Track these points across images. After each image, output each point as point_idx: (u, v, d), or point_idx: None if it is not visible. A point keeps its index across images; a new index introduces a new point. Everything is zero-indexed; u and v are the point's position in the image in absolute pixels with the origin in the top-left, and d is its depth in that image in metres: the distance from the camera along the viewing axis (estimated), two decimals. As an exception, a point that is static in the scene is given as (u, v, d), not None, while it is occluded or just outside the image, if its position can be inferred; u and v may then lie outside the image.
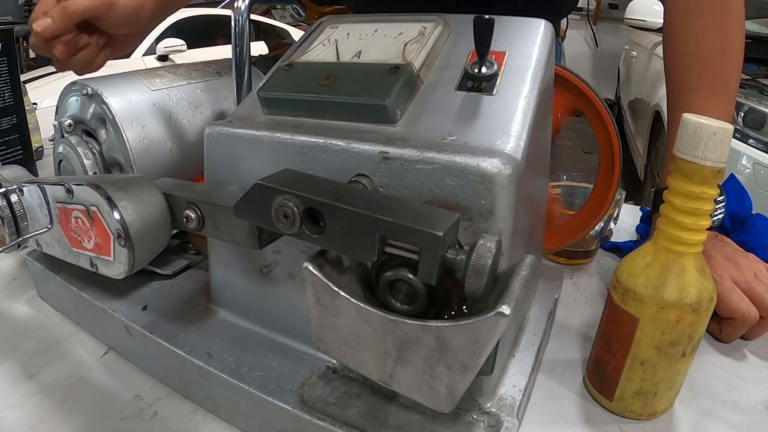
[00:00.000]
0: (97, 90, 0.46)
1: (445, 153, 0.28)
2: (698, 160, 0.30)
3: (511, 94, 0.32)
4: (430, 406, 0.25)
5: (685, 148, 0.30)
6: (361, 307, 0.25)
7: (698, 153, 0.30)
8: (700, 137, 0.29)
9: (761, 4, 2.68)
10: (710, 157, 0.29)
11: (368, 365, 0.26)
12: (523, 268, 0.24)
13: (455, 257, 0.23)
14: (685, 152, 0.30)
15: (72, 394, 0.38)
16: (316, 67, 0.36)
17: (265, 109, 0.36)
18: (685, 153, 0.30)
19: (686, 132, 0.30)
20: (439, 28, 0.36)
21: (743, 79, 2.27)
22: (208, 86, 0.54)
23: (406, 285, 0.26)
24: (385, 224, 0.23)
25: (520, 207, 0.30)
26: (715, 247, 0.48)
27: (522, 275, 0.23)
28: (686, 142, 0.30)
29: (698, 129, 0.29)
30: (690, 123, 0.30)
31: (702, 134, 0.29)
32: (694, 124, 0.29)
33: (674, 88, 0.55)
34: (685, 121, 0.30)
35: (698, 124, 0.29)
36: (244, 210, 0.27)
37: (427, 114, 0.32)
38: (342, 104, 0.33)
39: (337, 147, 0.31)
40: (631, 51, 3.77)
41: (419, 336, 0.24)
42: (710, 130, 0.29)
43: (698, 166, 0.30)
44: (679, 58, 0.53)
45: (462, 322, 0.22)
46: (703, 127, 0.29)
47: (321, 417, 0.32)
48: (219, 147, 0.35)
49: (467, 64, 0.34)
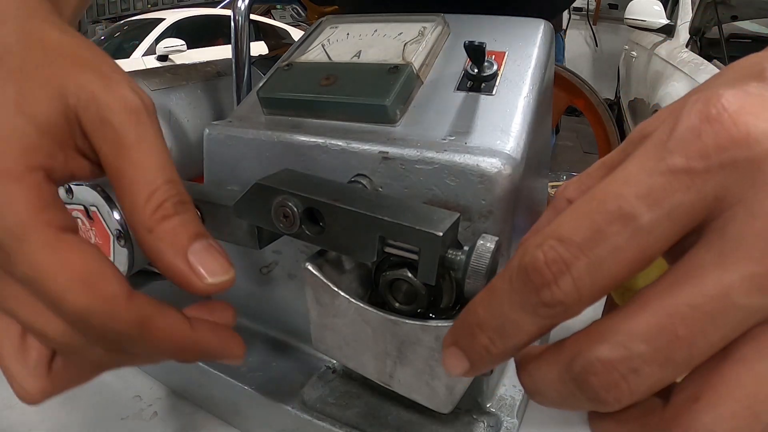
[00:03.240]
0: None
1: (445, 153, 0.28)
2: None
3: (510, 94, 0.32)
4: (430, 406, 0.25)
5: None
6: (361, 307, 0.25)
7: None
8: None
9: (761, 4, 2.68)
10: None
11: (368, 365, 0.26)
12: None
13: (455, 257, 0.23)
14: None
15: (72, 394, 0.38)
16: (316, 67, 0.36)
17: (265, 109, 0.36)
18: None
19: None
20: (439, 28, 0.36)
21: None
22: (208, 86, 0.54)
23: (406, 285, 0.26)
24: (385, 224, 0.23)
25: (520, 207, 0.30)
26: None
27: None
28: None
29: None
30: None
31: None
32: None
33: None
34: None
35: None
36: (244, 210, 0.27)
37: (427, 114, 0.32)
38: (342, 104, 0.33)
39: (336, 147, 0.31)
40: (631, 51, 3.77)
41: (419, 336, 0.24)
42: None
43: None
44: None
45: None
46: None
47: (321, 417, 0.32)
48: (219, 147, 0.35)
49: (467, 64, 0.34)
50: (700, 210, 0.15)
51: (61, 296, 0.18)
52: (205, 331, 0.23)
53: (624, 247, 0.15)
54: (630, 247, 0.15)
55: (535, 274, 0.16)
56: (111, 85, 0.21)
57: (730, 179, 0.14)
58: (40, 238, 0.18)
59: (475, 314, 0.18)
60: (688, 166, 0.14)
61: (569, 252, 0.15)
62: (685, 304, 0.14)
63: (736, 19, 2.83)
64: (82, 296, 0.18)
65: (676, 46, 2.87)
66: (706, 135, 0.14)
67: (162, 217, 0.21)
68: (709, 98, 0.15)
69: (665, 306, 0.15)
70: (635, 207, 0.15)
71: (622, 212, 0.15)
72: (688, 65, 2.53)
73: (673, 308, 0.14)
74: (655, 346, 0.14)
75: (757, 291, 0.14)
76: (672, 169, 0.14)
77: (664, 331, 0.14)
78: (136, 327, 0.20)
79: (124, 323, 0.19)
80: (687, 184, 0.14)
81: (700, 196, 0.14)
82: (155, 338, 0.20)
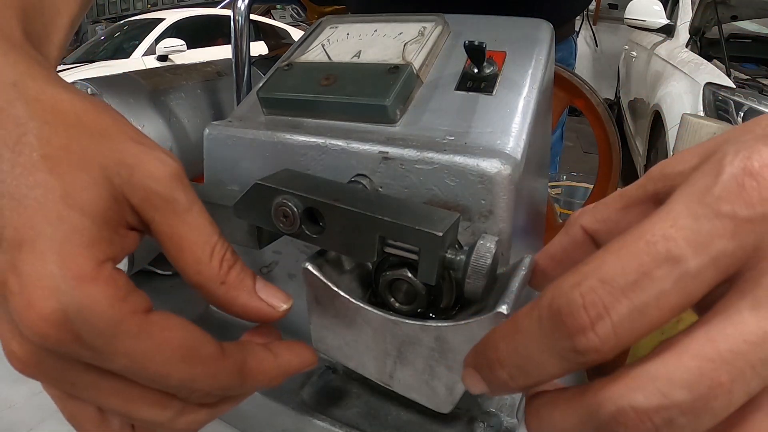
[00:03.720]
0: (96, 90, 0.46)
1: (445, 153, 0.28)
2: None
3: (510, 94, 0.32)
4: (429, 406, 0.25)
5: (684, 148, 0.30)
6: (361, 307, 0.25)
7: (698, 153, 0.30)
8: (699, 137, 0.29)
9: (761, 4, 2.68)
10: (710, 157, 0.29)
11: (368, 365, 0.26)
12: (523, 268, 0.24)
13: (455, 257, 0.23)
14: (685, 152, 0.30)
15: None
16: (316, 67, 0.36)
17: (265, 109, 0.36)
18: (685, 153, 0.30)
19: (686, 132, 0.30)
20: (439, 28, 0.36)
21: (743, 79, 2.27)
22: (208, 86, 0.54)
23: (406, 285, 0.26)
24: (385, 224, 0.23)
25: (520, 207, 0.30)
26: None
27: (521, 275, 0.23)
28: (686, 143, 0.30)
29: (698, 129, 0.29)
30: (690, 123, 0.30)
31: (702, 134, 0.29)
32: (694, 124, 0.29)
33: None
34: (685, 122, 0.30)
35: (698, 124, 0.29)
36: (244, 210, 0.27)
37: (427, 114, 0.32)
38: (342, 104, 0.33)
39: (336, 147, 0.31)
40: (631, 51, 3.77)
41: (419, 336, 0.24)
42: (710, 130, 0.29)
43: (698, 166, 0.30)
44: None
45: (461, 322, 0.22)
46: (703, 127, 0.29)
47: (321, 417, 0.32)
48: (219, 147, 0.35)
49: (467, 64, 0.34)
50: (741, 258, 0.14)
51: (165, 374, 0.19)
52: (285, 354, 0.24)
53: (669, 292, 0.14)
54: (675, 291, 0.14)
55: (570, 318, 0.15)
56: (146, 154, 0.21)
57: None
58: (132, 329, 0.19)
59: (496, 349, 0.17)
60: (734, 213, 0.14)
61: (611, 295, 0.14)
62: (726, 349, 0.14)
63: (736, 19, 2.83)
64: (185, 368, 0.20)
65: (676, 46, 2.87)
66: (750, 187, 0.14)
67: (229, 268, 0.22)
68: (750, 152, 0.15)
69: (707, 351, 0.14)
70: (684, 250, 0.14)
71: (671, 255, 0.14)
72: (688, 65, 2.53)
73: (714, 353, 0.14)
74: (696, 395, 0.14)
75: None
76: (719, 214, 0.14)
77: (704, 378, 0.14)
78: (237, 376, 0.22)
79: (226, 377, 0.21)
80: (732, 231, 0.14)
81: (742, 244, 0.14)
82: (253, 378, 0.22)
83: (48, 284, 0.18)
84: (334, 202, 0.24)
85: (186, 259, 0.22)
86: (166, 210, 0.21)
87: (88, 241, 0.19)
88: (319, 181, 0.28)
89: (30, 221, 0.18)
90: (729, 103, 2.13)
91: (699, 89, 2.26)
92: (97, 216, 0.19)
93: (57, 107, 0.20)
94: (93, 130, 0.21)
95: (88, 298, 0.18)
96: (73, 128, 0.20)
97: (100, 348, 0.18)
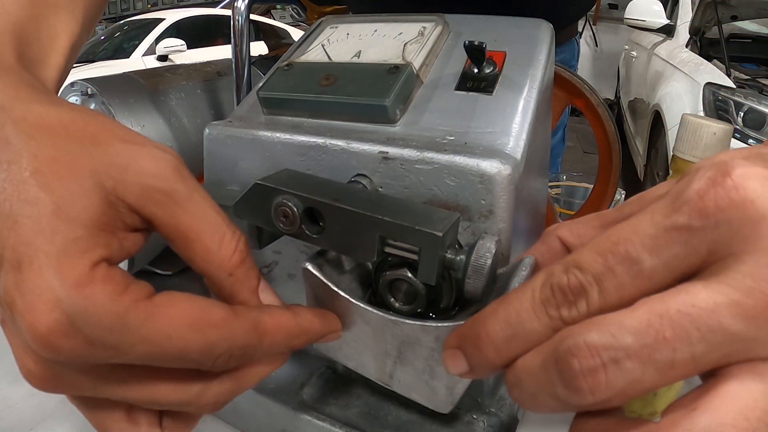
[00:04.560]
0: (97, 90, 0.46)
1: (445, 153, 0.28)
2: (698, 160, 0.30)
3: (510, 94, 0.32)
4: (429, 406, 0.25)
5: (684, 148, 0.30)
6: (361, 307, 0.25)
7: (698, 153, 0.30)
8: (699, 137, 0.29)
9: (761, 4, 2.68)
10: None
11: (368, 365, 0.26)
12: (523, 269, 0.24)
13: (455, 257, 0.23)
14: (685, 152, 0.30)
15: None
16: (316, 67, 0.36)
17: (265, 109, 0.36)
18: (685, 153, 0.30)
19: (686, 132, 0.30)
20: (439, 28, 0.36)
21: (743, 79, 2.27)
22: (208, 86, 0.54)
23: (406, 285, 0.26)
24: (385, 224, 0.23)
25: (520, 207, 0.30)
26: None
27: (521, 275, 0.23)
28: (686, 142, 0.30)
29: (698, 129, 0.29)
30: (690, 123, 0.30)
31: (702, 134, 0.29)
32: (694, 124, 0.29)
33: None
34: (684, 122, 0.30)
35: (698, 124, 0.29)
36: (244, 210, 0.27)
37: (427, 114, 0.32)
38: (342, 104, 0.33)
39: (336, 147, 0.31)
40: (631, 51, 3.77)
41: (419, 336, 0.24)
42: (710, 130, 0.29)
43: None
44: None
45: (462, 323, 0.22)
46: (703, 127, 0.29)
47: (321, 417, 0.32)
48: (219, 147, 0.35)
49: (467, 64, 0.34)
50: (695, 261, 0.17)
51: (184, 349, 0.20)
52: (306, 314, 0.24)
53: (626, 285, 0.17)
54: (631, 285, 0.17)
55: (559, 293, 0.18)
56: (138, 152, 0.21)
57: (725, 236, 0.16)
58: (140, 316, 0.19)
59: (485, 324, 0.20)
60: (688, 224, 0.17)
61: (587, 280, 0.18)
62: (675, 309, 0.16)
63: (736, 19, 2.83)
64: (201, 337, 0.20)
65: (676, 46, 2.87)
66: (708, 197, 0.16)
67: (239, 260, 0.22)
68: (719, 166, 0.17)
69: (657, 308, 0.16)
70: (641, 253, 0.17)
71: (629, 256, 0.17)
72: (688, 65, 2.53)
73: (663, 310, 0.16)
74: (641, 342, 0.16)
75: (742, 319, 0.15)
76: (675, 226, 0.17)
77: (651, 328, 0.16)
78: (253, 333, 0.21)
79: (243, 335, 0.21)
80: (685, 239, 0.17)
81: (695, 250, 0.17)
82: (272, 335, 0.22)
83: (50, 297, 0.18)
84: (334, 202, 0.24)
85: (195, 248, 0.22)
86: (167, 203, 0.21)
87: (82, 249, 0.19)
88: (319, 181, 0.28)
89: (26, 239, 0.18)
90: (729, 103, 2.14)
91: (699, 89, 2.26)
92: (90, 223, 0.19)
93: (42, 122, 0.20)
94: (81, 138, 0.21)
95: (89, 301, 0.18)
96: (60, 139, 0.20)
97: (115, 344, 0.19)
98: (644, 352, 0.16)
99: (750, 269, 0.16)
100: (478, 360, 0.20)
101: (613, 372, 0.16)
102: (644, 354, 0.16)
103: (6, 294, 0.18)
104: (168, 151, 0.22)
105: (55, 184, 0.19)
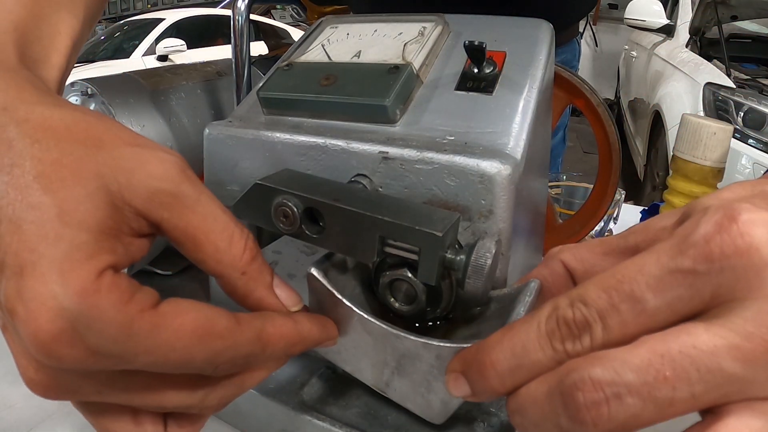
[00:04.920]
0: (97, 90, 0.46)
1: (445, 153, 0.28)
2: (698, 160, 0.30)
3: (510, 94, 0.32)
4: (423, 416, 0.25)
5: (685, 149, 0.30)
6: (364, 317, 0.25)
7: (698, 153, 0.30)
8: (699, 137, 0.29)
9: (761, 4, 2.68)
10: (710, 157, 0.29)
11: (365, 371, 0.26)
12: (528, 294, 0.24)
13: (455, 257, 0.23)
14: (685, 152, 0.30)
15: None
16: (316, 67, 0.36)
17: (265, 109, 0.36)
18: (685, 153, 0.30)
19: (686, 132, 0.30)
20: (439, 28, 0.36)
21: (743, 79, 2.27)
22: (208, 86, 0.54)
23: (406, 285, 0.26)
24: (385, 224, 0.23)
25: (520, 207, 0.30)
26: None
27: (527, 301, 0.23)
28: (686, 143, 0.30)
29: (698, 129, 0.29)
30: (690, 123, 0.30)
31: (702, 134, 0.29)
32: (694, 124, 0.29)
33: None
34: (685, 122, 0.30)
35: (698, 124, 0.29)
36: (244, 210, 0.27)
37: (427, 114, 0.32)
38: (342, 104, 0.33)
39: (336, 147, 0.31)
40: (631, 51, 3.77)
41: (420, 352, 0.24)
42: (710, 130, 0.29)
43: (698, 166, 0.30)
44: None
45: (464, 345, 0.22)
46: (703, 127, 0.29)
47: (321, 417, 0.32)
48: (219, 147, 0.35)
49: (467, 64, 0.34)
50: (698, 303, 0.17)
51: (189, 358, 0.20)
52: (305, 322, 0.24)
53: (629, 323, 0.18)
54: (634, 323, 0.18)
55: (564, 326, 0.18)
56: (144, 155, 0.21)
57: (729, 281, 0.17)
58: (145, 327, 0.19)
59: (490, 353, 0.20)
60: (693, 268, 0.17)
61: (591, 316, 0.18)
62: (676, 349, 0.16)
63: (736, 19, 2.83)
64: (205, 347, 0.20)
65: (676, 46, 2.87)
66: (714, 243, 0.17)
67: (251, 258, 0.23)
68: (726, 210, 0.17)
69: (659, 347, 0.16)
70: (645, 293, 0.17)
71: (634, 295, 0.18)
72: (688, 65, 2.53)
73: (665, 350, 0.16)
74: (642, 379, 0.16)
75: (741, 362, 0.16)
76: (680, 269, 0.17)
77: (652, 367, 0.16)
78: (257, 342, 0.22)
79: (246, 344, 0.21)
80: (689, 282, 0.17)
81: (698, 293, 0.17)
82: (273, 344, 0.22)
83: (52, 305, 0.17)
84: (334, 202, 0.24)
85: (205, 249, 0.21)
86: (175, 205, 0.21)
87: (87, 255, 0.18)
88: (319, 181, 0.28)
89: (29, 244, 0.18)
90: (729, 103, 2.14)
91: (699, 89, 2.26)
92: (95, 228, 0.19)
93: (46, 124, 0.20)
94: (86, 141, 0.20)
95: (94, 310, 0.18)
96: (65, 142, 0.20)
97: (119, 353, 0.18)
98: (645, 390, 0.16)
99: (752, 315, 0.16)
100: (481, 386, 0.20)
101: (615, 406, 0.16)
102: (645, 391, 0.16)
103: (7, 301, 0.18)
104: (173, 153, 0.22)
105: (59, 187, 0.19)
